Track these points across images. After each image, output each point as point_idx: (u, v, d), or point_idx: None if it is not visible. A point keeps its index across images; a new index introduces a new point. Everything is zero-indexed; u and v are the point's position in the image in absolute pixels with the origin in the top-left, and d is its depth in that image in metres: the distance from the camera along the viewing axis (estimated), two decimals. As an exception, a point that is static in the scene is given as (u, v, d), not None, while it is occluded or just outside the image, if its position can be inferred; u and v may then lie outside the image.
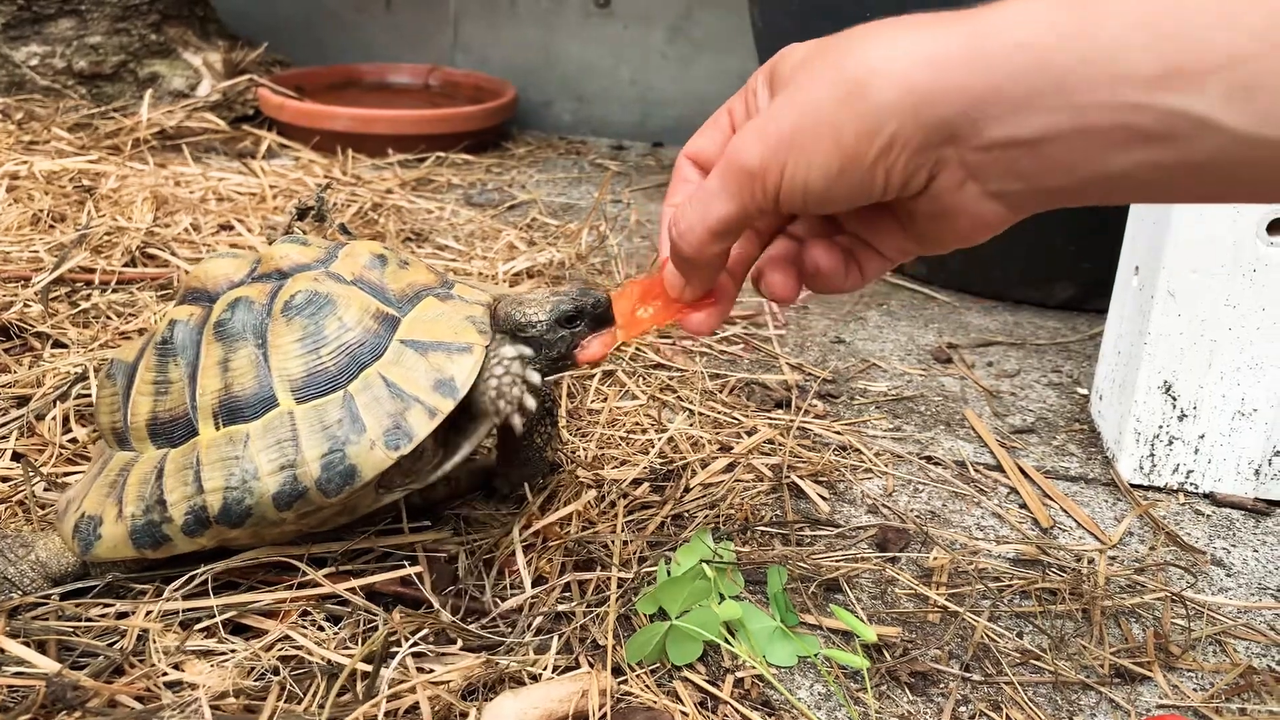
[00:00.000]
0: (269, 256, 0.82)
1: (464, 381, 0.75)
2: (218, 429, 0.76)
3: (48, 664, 0.71)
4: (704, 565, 0.82)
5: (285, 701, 0.70)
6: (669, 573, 0.82)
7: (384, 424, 0.74)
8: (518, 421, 0.77)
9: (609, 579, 0.85)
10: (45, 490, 0.93)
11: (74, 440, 1.01)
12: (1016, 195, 0.50)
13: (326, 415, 0.74)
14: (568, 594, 0.84)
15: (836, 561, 0.92)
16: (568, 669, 0.75)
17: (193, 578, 0.79)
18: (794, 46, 0.55)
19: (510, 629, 0.79)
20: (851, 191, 0.51)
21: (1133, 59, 0.42)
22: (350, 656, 0.73)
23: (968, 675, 0.79)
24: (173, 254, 1.45)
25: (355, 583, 0.81)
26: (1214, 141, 0.42)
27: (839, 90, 0.48)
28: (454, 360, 0.76)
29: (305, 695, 0.70)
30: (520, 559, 0.86)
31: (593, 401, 1.16)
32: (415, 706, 0.70)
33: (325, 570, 0.82)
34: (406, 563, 0.84)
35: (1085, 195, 0.49)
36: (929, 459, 1.13)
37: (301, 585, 0.81)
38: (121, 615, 0.78)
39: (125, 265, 1.40)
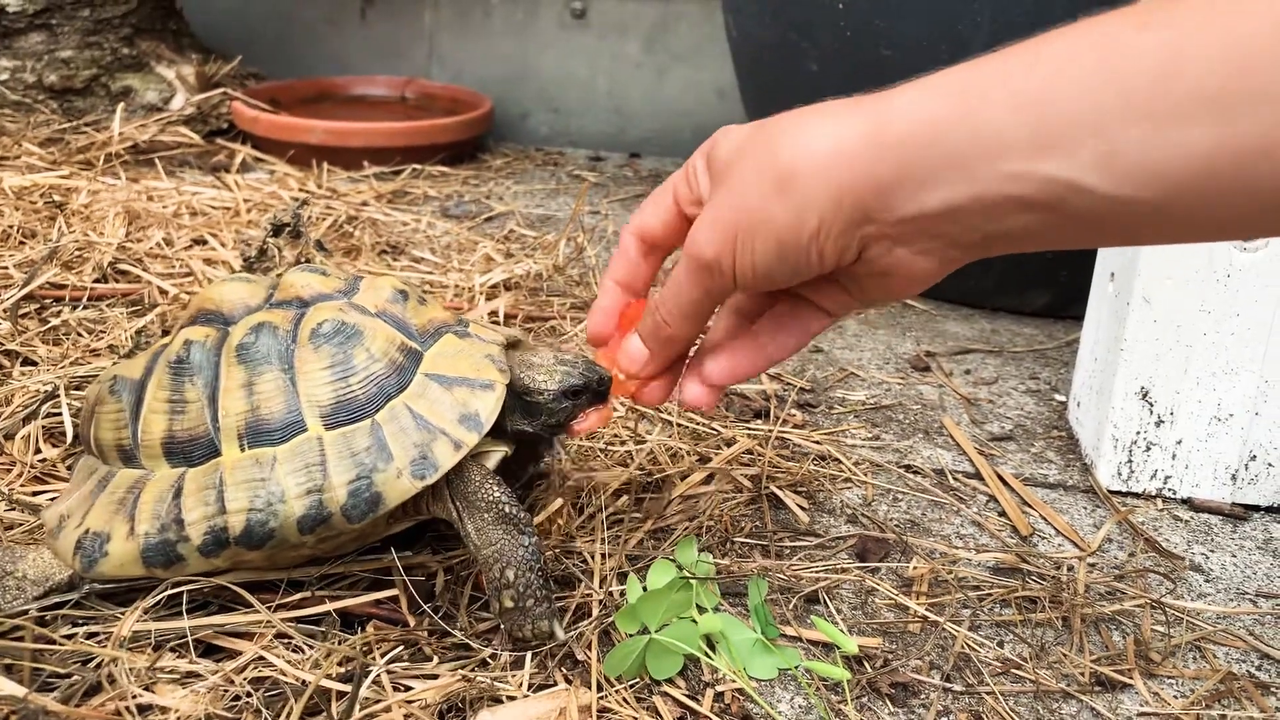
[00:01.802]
0: (289, 284, 0.83)
1: (488, 417, 0.77)
2: (242, 450, 0.76)
3: (15, 688, 0.69)
4: (682, 578, 0.81)
5: (259, 724, 0.69)
6: (644, 588, 0.82)
7: (411, 454, 0.75)
8: None
9: (588, 594, 0.84)
10: (7, 510, 0.91)
11: (44, 460, 0.99)
12: (940, 251, 0.57)
13: (355, 442, 0.76)
14: (546, 609, 0.83)
15: (816, 572, 0.91)
16: (543, 686, 0.74)
17: (165, 597, 0.78)
18: (728, 129, 0.63)
19: (486, 646, 0.78)
20: (793, 268, 0.59)
21: (1012, 134, 0.49)
22: (326, 678, 0.72)
23: (949, 685, 0.79)
24: (145, 270, 1.43)
25: (331, 606, 0.80)
26: (1086, 202, 0.49)
27: (769, 185, 0.57)
28: (478, 396, 0.78)
29: (279, 717, 0.69)
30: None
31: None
32: (391, 726, 0.69)
33: (301, 592, 0.81)
34: (383, 584, 0.83)
35: (995, 248, 0.55)
36: (908, 468, 1.13)
37: (277, 607, 0.80)
38: (91, 635, 0.77)
39: (96, 281, 1.38)
